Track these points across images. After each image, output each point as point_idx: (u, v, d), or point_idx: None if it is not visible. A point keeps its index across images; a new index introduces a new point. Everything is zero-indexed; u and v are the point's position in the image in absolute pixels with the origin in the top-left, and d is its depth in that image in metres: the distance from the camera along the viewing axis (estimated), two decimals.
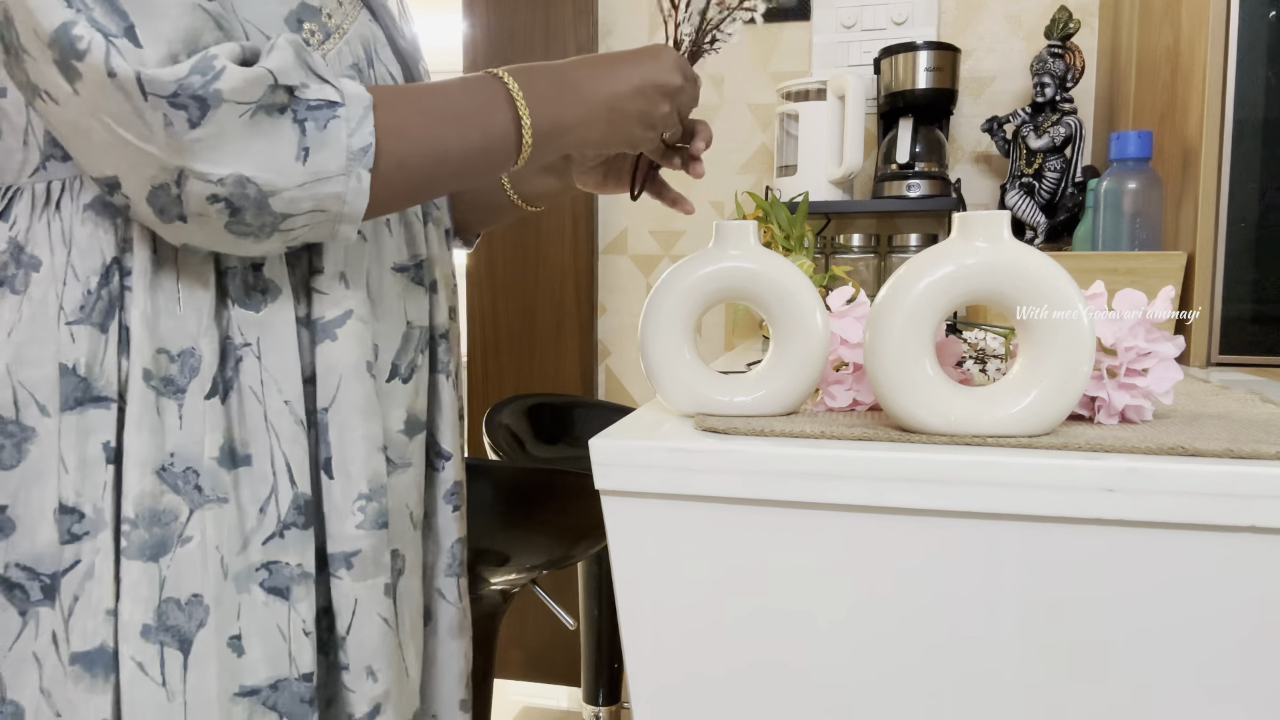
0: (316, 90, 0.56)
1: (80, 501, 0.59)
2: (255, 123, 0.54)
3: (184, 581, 0.60)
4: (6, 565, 0.60)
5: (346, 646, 0.68)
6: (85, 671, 0.59)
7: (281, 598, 0.64)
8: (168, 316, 0.61)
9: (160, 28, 0.52)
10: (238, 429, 0.63)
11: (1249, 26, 1.08)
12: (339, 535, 0.67)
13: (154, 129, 0.52)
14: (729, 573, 0.60)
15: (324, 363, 0.66)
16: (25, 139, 0.61)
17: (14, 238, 0.61)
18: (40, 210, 0.61)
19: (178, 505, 0.60)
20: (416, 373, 0.74)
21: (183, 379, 0.61)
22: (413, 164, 0.61)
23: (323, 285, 0.66)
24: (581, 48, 1.89)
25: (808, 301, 0.66)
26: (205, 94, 0.52)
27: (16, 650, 0.60)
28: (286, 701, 0.64)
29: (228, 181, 0.54)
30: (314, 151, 0.55)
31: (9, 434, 0.60)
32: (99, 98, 0.52)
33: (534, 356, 1.99)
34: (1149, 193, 1.18)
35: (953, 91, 1.63)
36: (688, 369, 0.68)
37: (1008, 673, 0.57)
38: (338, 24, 0.66)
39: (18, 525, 0.60)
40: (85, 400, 0.60)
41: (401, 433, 0.73)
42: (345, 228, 0.60)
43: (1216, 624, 0.54)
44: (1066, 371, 0.58)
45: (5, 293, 0.60)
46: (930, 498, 0.56)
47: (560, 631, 2.00)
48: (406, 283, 0.74)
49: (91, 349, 0.60)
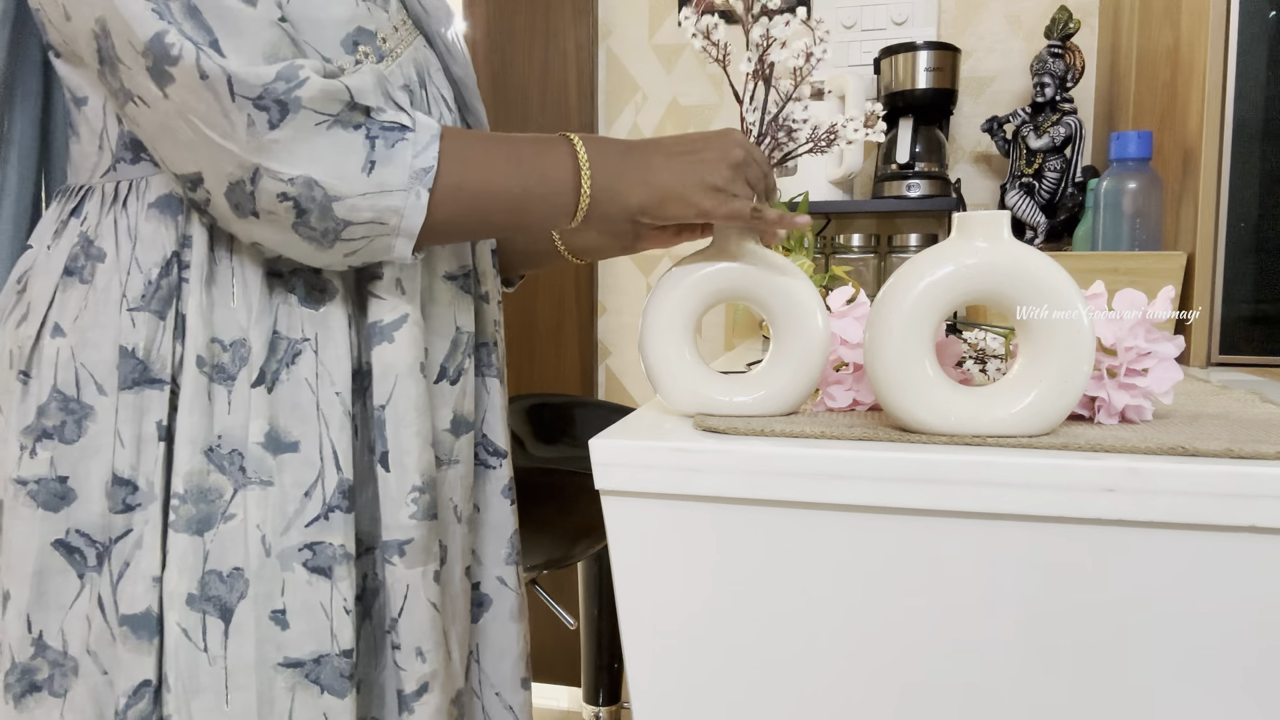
0: (391, 115, 0.62)
1: (135, 475, 0.64)
2: (330, 133, 0.59)
3: (226, 555, 0.64)
4: (68, 531, 0.65)
5: (398, 629, 0.72)
6: (131, 633, 0.64)
7: (324, 576, 0.67)
8: (222, 308, 0.66)
9: (242, 43, 0.58)
10: (284, 417, 0.67)
11: (1249, 26, 1.08)
12: (393, 524, 0.71)
13: (236, 127, 0.58)
14: (729, 573, 0.60)
15: (381, 363, 0.70)
16: (101, 143, 0.68)
17: (84, 232, 0.67)
18: (108, 207, 0.67)
19: (223, 484, 0.65)
20: (463, 376, 0.78)
21: (233, 367, 0.66)
22: (470, 192, 0.64)
23: (381, 291, 0.70)
24: (581, 47, 1.89)
25: (808, 302, 0.66)
26: (287, 99, 0.58)
27: (75, 610, 0.65)
28: (328, 675, 0.67)
29: (297, 182, 0.59)
30: (379, 166, 0.61)
31: (70, 411, 0.65)
32: (189, 98, 0.58)
33: (534, 356, 1.99)
34: (1149, 193, 1.18)
35: (953, 91, 1.63)
36: (688, 369, 0.68)
37: (1008, 672, 0.57)
38: (392, 48, 0.71)
39: (78, 495, 0.64)
40: (142, 381, 0.65)
41: (448, 431, 0.77)
42: (401, 244, 0.64)
43: (1217, 624, 0.54)
44: (1066, 371, 0.58)
45: (74, 282, 0.66)
46: (930, 498, 0.56)
47: (560, 631, 2.00)
48: (456, 290, 0.77)
49: (150, 334, 0.65)
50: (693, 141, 0.68)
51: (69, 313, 0.65)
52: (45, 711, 0.66)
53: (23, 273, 0.69)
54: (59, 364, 0.65)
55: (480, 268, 0.81)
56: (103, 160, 0.68)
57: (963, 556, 0.56)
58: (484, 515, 0.83)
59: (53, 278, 0.66)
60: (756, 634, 0.61)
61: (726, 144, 0.68)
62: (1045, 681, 0.57)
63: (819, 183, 1.67)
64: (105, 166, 0.68)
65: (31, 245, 0.70)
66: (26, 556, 0.64)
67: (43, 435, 0.64)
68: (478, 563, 0.83)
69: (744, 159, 0.67)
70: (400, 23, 0.72)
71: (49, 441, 0.64)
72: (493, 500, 0.84)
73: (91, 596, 0.65)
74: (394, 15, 0.71)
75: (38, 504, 0.64)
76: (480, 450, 0.83)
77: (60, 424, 0.64)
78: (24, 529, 0.64)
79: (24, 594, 0.64)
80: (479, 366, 0.82)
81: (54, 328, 0.65)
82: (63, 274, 0.66)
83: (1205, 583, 0.53)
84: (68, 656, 0.65)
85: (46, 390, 0.65)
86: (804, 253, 1.27)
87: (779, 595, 0.60)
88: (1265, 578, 0.52)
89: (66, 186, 0.71)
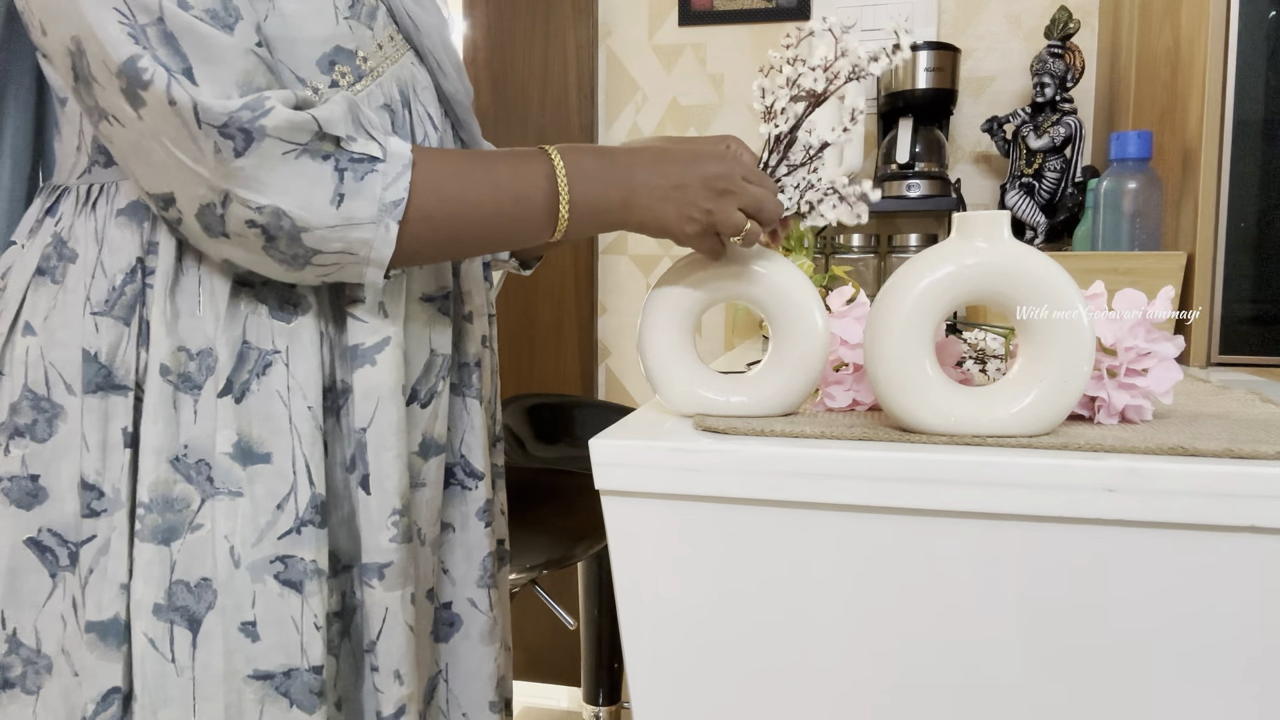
0: (362, 145, 0.61)
1: (100, 480, 0.64)
2: (299, 163, 0.59)
3: (194, 566, 0.64)
4: (40, 530, 0.64)
5: (377, 651, 0.71)
6: (99, 640, 0.63)
7: (295, 590, 0.66)
8: (188, 316, 0.65)
9: (216, 71, 0.58)
10: (255, 428, 0.66)
11: (1249, 26, 1.08)
12: (373, 547, 0.70)
13: (205, 153, 0.58)
14: (729, 573, 0.60)
15: (363, 386, 0.69)
16: (79, 143, 0.68)
17: (58, 232, 0.67)
18: (80, 209, 0.67)
19: (189, 494, 0.64)
20: (435, 399, 0.77)
21: (200, 376, 0.65)
22: (441, 221, 0.64)
23: (362, 314, 0.70)
24: (581, 47, 1.89)
25: (807, 302, 0.66)
26: (251, 128, 0.57)
27: (48, 609, 0.65)
28: (297, 690, 0.66)
29: (265, 211, 0.59)
30: (348, 199, 0.60)
31: (41, 409, 0.64)
32: (159, 122, 0.57)
33: (534, 356, 1.99)
34: (1149, 193, 1.18)
35: (953, 91, 1.63)
36: (688, 369, 0.68)
37: (1007, 672, 0.57)
38: (373, 66, 0.70)
39: (49, 494, 0.64)
40: (106, 386, 0.64)
41: (416, 454, 0.76)
42: (371, 271, 0.63)
43: (1216, 624, 0.54)
44: (1066, 371, 0.58)
45: (46, 282, 0.66)
46: (930, 498, 0.56)
47: (560, 631, 2.00)
48: (433, 312, 0.77)
49: (114, 340, 0.64)
50: (679, 167, 0.66)
51: (39, 312, 0.65)
52: (19, 709, 0.65)
53: (4, 270, 0.69)
54: (29, 362, 0.65)
55: (464, 288, 0.81)
56: (80, 161, 0.68)
57: (963, 556, 0.56)
58: (459, 535, 0.83)
59: (26, 276, 0.66)
60: (756, 634, 0.60)
61: (712, 172, 0.65)
62: (1045, 681, 0.57)
63: None
64: (82, 167, 0.67)
65: (15, 241, 0.70)
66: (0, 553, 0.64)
67: (15, 433, 0.64)
68: (450, 582, 0.83)
69: (731, 187, 0.65)
70: (386, 39, 0.71)
71: (21, 440, 0.64)
72: (469, 521, 0.83)
73: (65, 597, 0.65)
74: (380, 32, 0.70)
75: (10, 501, 0.64)
76: (457, 471, 0.82)
77: (32, 422, 0.64)
78: None
79: None
80: (459, 387, 0.81)
81: (25, 326, 0.65)
82: (35, 273, 0.66)
83: (1205, 583, 0.53)
84: (41, 654, 0.65)
85: (18, 388, 0.65)
86: (804, 253, 1.27)
87: (779, 595, 0.60)
88: (1265, 578, 0.52)
89: (48, 184, 0.71)
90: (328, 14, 0.66)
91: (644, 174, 0.66)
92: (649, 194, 0.66)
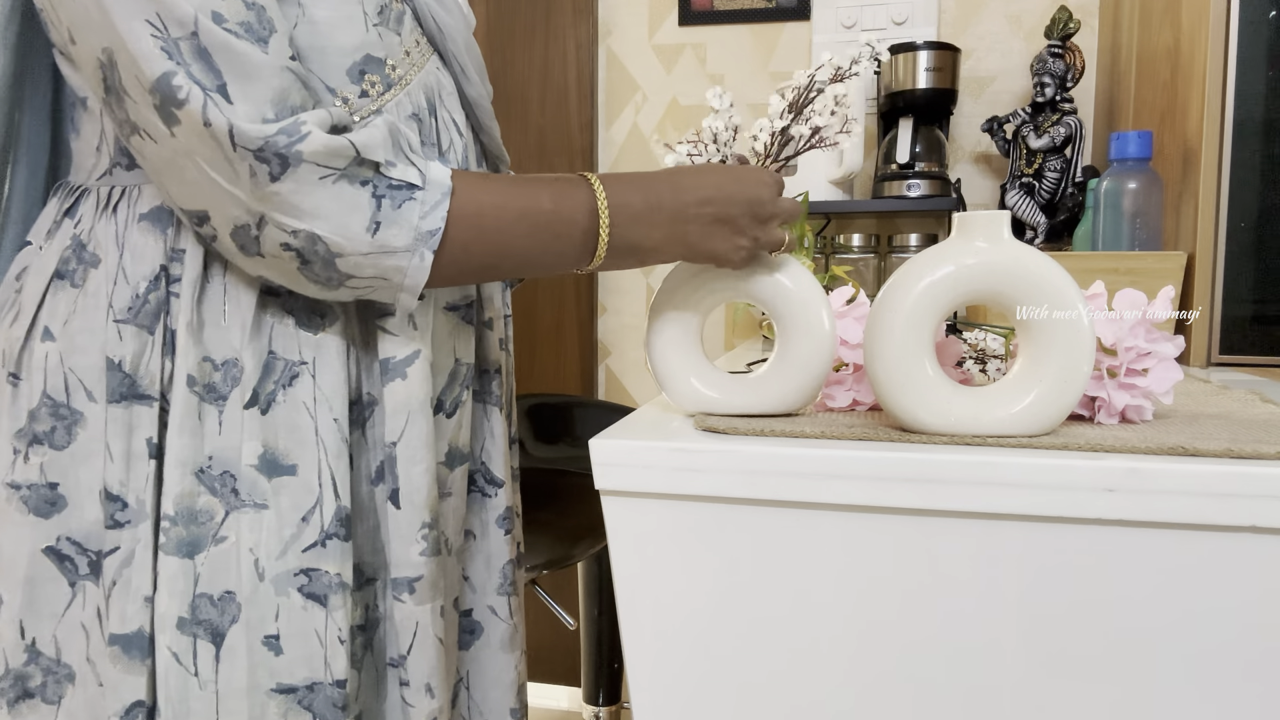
0: (401, 171, 0.60)
1: (124, 491, 0.63)
2: (336, 187, 0.58)
3: (217, 579, 0.63)
4: (58, 538, 0.64)
5: (407, 666, 0.71)
6: (123, 653, 0.63)
7: (320, 604, 0.66)
8: (213, 327, 0.64)
9: (251, 89, 0.56)
10: (281, 440, 0.65)
11: (1249, 26, 1.08)
12: (403, 561, 0.70)
13: (240, 176, 0.57)
14: (729, 573, 0.60)
15: (394, 400, 0.69)
16: (100, 144, 0.66)
17: (78, 235, 0.65)
18: (101, 211, 0.65)
19: (214, 506, 0.63)
20: (460, 408, 0.77)
21: (225, 387, 0.64)
22: (477, 251, 0.63)
23: (393, 327, 0.69)
24: (581, 47, 1.89)
25: (815, 302, 0.66)
26: (287, 153, 0.56)
27: (68, 618, 0.64)
28: (321, 704, 0.66)
29: (301, 235, 0.58)
30: (384, 226, 0.59)
31: (60, 416, 0.64)
32: (194, 142, 0.56)
33: (534, 356, 1.99)
34: (1149, 193, 1.18)
35: (953, 91, 1.63)
36: (695, 369, 0.68)
37: (1008, 672, 0.57)
38: (401, 75, 0.69)
39: (68, 502, 0.63)
40: (130, 396, 0.63)
41: (442, 464, 0.75)
42: (405, 297, 0.63)
43: (1216, 624, 0.54)
44: (1066, 371, 0.58)
45: (65, 285, 0.65)
46: (930, 498, 0.56)
47: (560, 631, 2.00)
48: (457, 321, 0.76)
49: (137, 349, 0.63)
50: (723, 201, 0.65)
51: (58, 316, 0.64)
52: (39, 718, 0.65)
53: (20, 270, 0.68)
54: (48, 369, 0.63)
55: (484, 294, 0.80)
56: (100, 162, 0.66)
57: (963, 556, 0.56)
58: (479, 542, 0.83)
59: (44, 278, 0.65)
60: (756, 634, 0.60)
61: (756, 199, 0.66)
62: (1045, 682, 0.57)
63: (819, 183, 1.67)
64: (103, 169, 0.66)
65: (30, 241, 0.69)
66: (18, 562, 0.63)
67: (34, 440, 0.63)
68: (471, 589, 0.82)
69: (774, 211, 0.66)
70: (413, 45, 0.70)
71: (40, 447, 0.63)
72: (489, 528, 0.83)
73: (87, 607, 0.64)
74: (407, 37, 0.70)
75: (29, 509, 0.63)
76: (479, 478, 0.82)
77: (51, 429, 0.63)
78: (15, 534, 0.63)
79: (16, 600, 0.64)
80: (480, 394, 0.81)
81: (44, 331, 0.64)
82: (54, 275, 0.65)
83: (1205, 583, 0.53)
84: (60, 664, 0.65)
85: (37, 394, 0.63)
86: (804, 253, 1.27)
87: (779, 595, 0.60)
88: (1265, 578, 0.52)
89: (66, 183, 0.69)
90: (357, 21, 0.65)
91: (690, 210, 0.65)
92: (699, 231, 0.65)
